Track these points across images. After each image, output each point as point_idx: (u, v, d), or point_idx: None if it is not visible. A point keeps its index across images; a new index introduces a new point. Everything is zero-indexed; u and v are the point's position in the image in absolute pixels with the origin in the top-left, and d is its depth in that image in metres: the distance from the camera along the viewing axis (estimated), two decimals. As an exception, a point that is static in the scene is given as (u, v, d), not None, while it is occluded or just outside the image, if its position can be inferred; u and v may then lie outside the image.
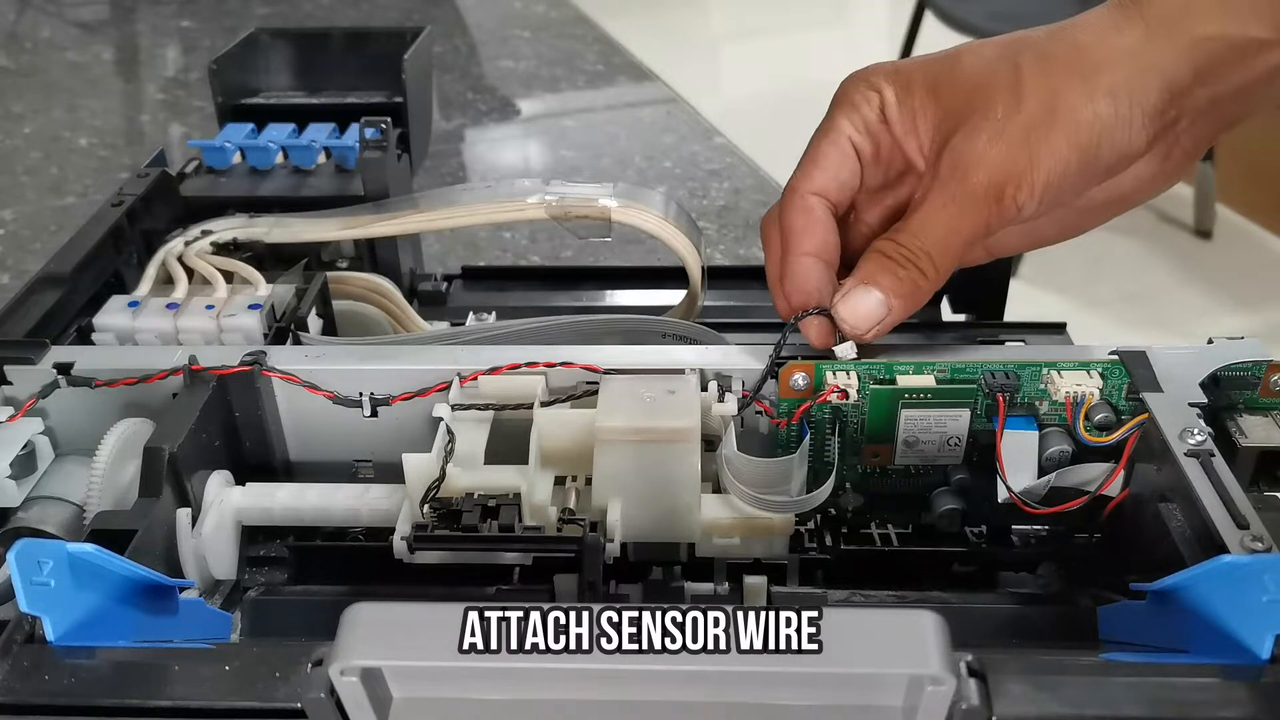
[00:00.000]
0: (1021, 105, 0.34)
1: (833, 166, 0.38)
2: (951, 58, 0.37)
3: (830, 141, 0.38)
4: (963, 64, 0.36)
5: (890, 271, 0.35)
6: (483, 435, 0.36)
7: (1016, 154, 0.34)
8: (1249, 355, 0.36)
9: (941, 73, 0.37)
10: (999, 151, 0.34)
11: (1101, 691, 0.25)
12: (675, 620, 0.24)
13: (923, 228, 0.35)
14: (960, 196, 0.35)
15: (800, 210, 0.38)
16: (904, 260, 0.35)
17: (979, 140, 0.34)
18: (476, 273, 0.58)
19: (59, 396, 0.37)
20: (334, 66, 0.59)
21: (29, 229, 0.79)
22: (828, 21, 3.07)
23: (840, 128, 0.38)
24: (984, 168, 0.34)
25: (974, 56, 0.36)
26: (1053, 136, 0.34)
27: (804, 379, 0.36)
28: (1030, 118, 0.34)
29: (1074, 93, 0.34)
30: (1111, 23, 0.35)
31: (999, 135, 0.34)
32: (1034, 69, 0.35)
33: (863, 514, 0.39)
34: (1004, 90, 0.35)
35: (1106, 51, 0.35)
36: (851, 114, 0.38)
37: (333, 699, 0.24)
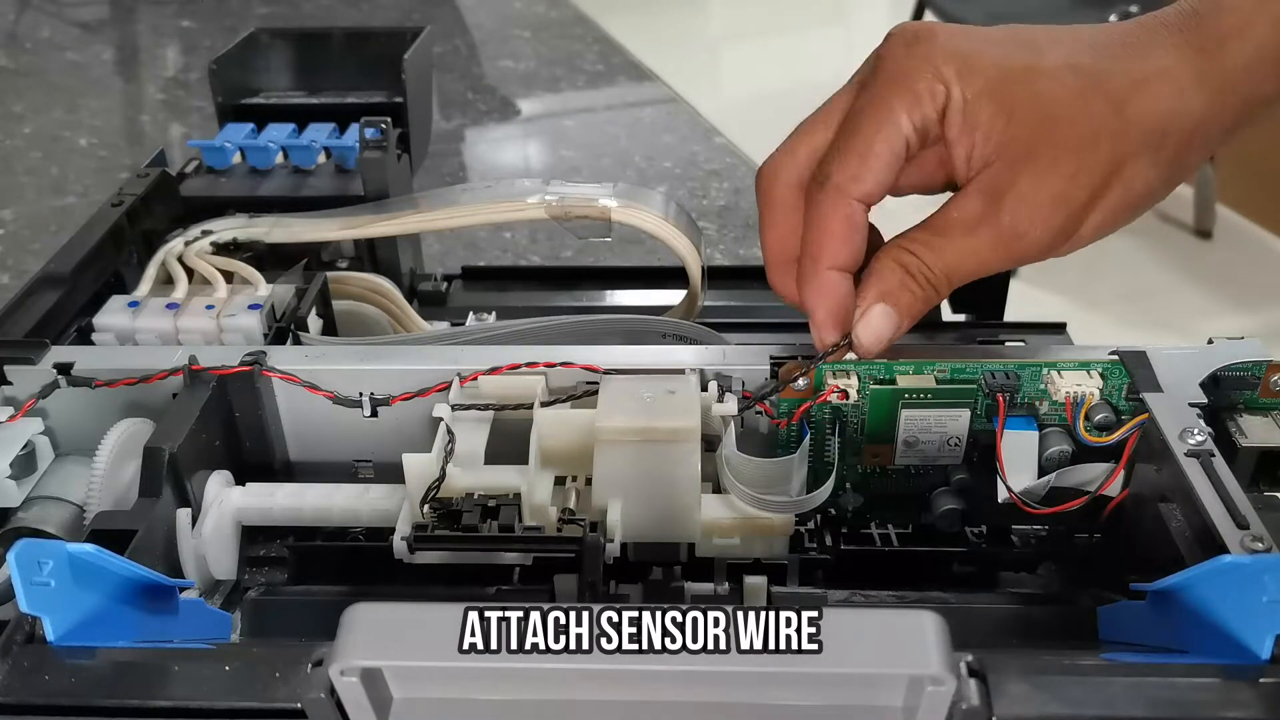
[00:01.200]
0: (1088, 167, 0.33)
1: (884, 167, 0.34)
2: (1029, 69, 0.33)
3: (885, 137, 0.34)
4: (1040, 87, 0.33)
5: (909, 290, 0.34)
6: (483, 435, 0.36)
7: (1075, 216, 0.33)
8: (1249, 355, 0.36)
9: (1017, 85, 0.33)
10: (1059, 210, 0.33)
11: (1101, 691, 0.25)
12: (675, 620, 0.24)
13: (952, 248, 0.34)
14: (1006, 235, 0.33)
15: (843, 218, 0.34)
16: (924, 281, 0.34)
17: (1042, 191, 0.33)
18: (476, 273, 0.58)
19: (59, 396, 0.37)
20: (334, 66, 0.59)
21: (29, 229, 0.79)
22: (828, 21, 3.07)
23: (898, 122, 0.34)
24: (1041, 222, 0.33)
25: (1053, 83, 0.33)
26: (1109, 201, 0.33)
27: (803, 379, 0.36)
28: (1096, 183, 0.33)
29: (1140, 163, 0.33)
30: (1190, 75, 0.33)
31: (1063, 197, 0.33)
32: (1111, 128, 0.33)
33: (863, 514, 0.39)
34: (1078, 140, 0.33)
35: (1177, 115, 0.33)
36: (913, 108, 0.33)
37: (333, 699, 0.24)
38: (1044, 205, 0.33)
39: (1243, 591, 0.26)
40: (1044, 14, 1.88)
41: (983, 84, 0.33)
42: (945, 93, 0.33)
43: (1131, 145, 0.33)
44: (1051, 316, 0.51)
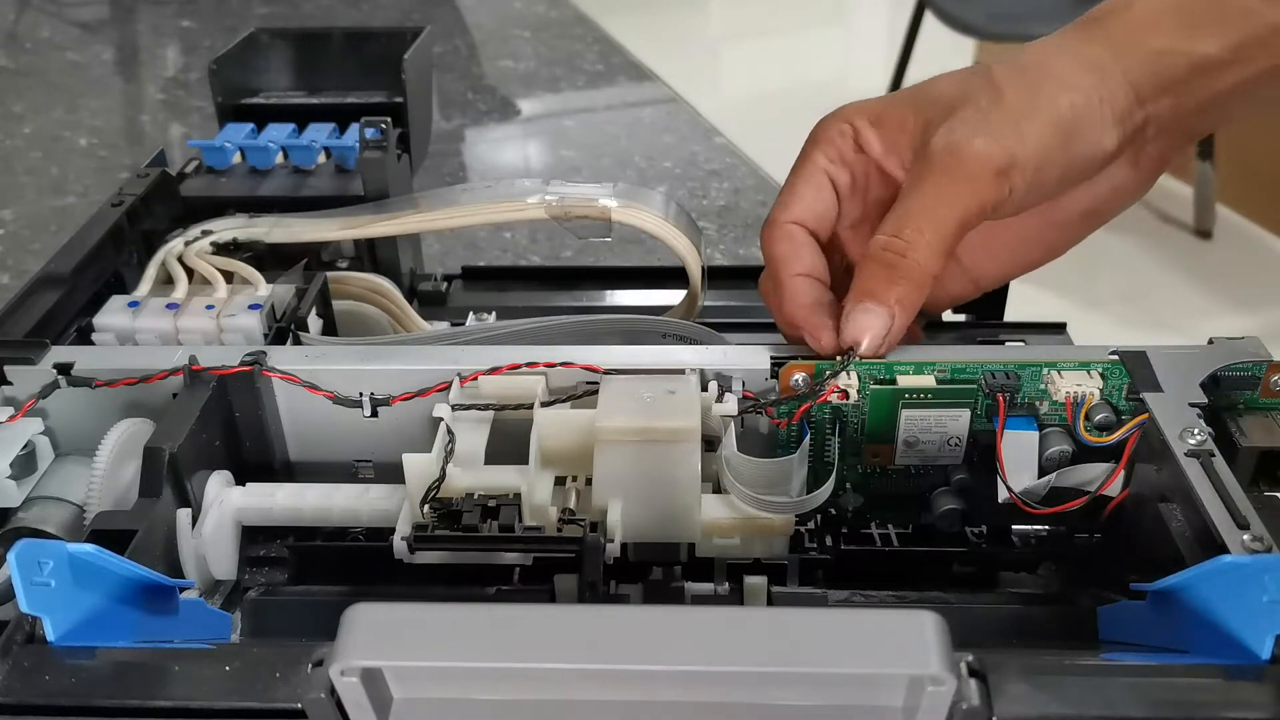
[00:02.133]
0: (1003, 98, 0.36)
1: (809, 198, 0.39)
2: (923, 84, 0.39)
3: (805, 176, 0.39)
4: (937, 85, 0.38)
5: (886, 279, 0.35)
6: (483, 435, 0.36)
7: (1005, 133, 0.35)
8: (1249, 355, 0.36)
9: (916, 96, 0.38)
10: (988, 133, 0.35)
11: (1101, 691, 0.25)
12: (675, 620, 0.24)
13: (919, 210, 0.35)
14: (956, 174, 0.35)
15: (782, 238, 0.39)
16: (897, 260, 0.35)
17: (967, 126, 0.35)
18: (476, 273, 0.58)
19: (59, 396, 0.37)
20: (334, 66, 0.59)
21: (29, 229, 0.79)
22: (828, 21, 3.07)
23: (814, 161, 0.39)
24: (976, 146, 0.35)
25: (946, 79, 0.38)
26: (1037, 120, 0.35)
27: (804, 379, 0.36)
28: (1013, 106, 0.35)
29: (1050, 89, 0.36)
30: (1075, 40, 0.37)
31: (985, 119, 0.35)
32: (1009, 76, 0.36)
33: (863, 514, 0.39)
34: (983, 92, 0.36)
35: (1074, 60, 0.36)
36: (825, 147, 0.39)
37: (333, 699, 0.24)
38: (979, 136, 0.35)
39: (1243, 591, 0.26)
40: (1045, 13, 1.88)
41: (883, 108, 0.39)
42: (851, 127, 0.39)
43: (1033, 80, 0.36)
44: (1051, 316, 0.51)
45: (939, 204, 0.35)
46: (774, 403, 0.36)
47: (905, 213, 0.35)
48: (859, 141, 0.39)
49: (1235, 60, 0.35)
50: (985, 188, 0.35)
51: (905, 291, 0.35)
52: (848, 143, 0.39)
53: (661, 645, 0.23)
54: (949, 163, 0.35)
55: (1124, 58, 0.36)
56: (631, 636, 0.23)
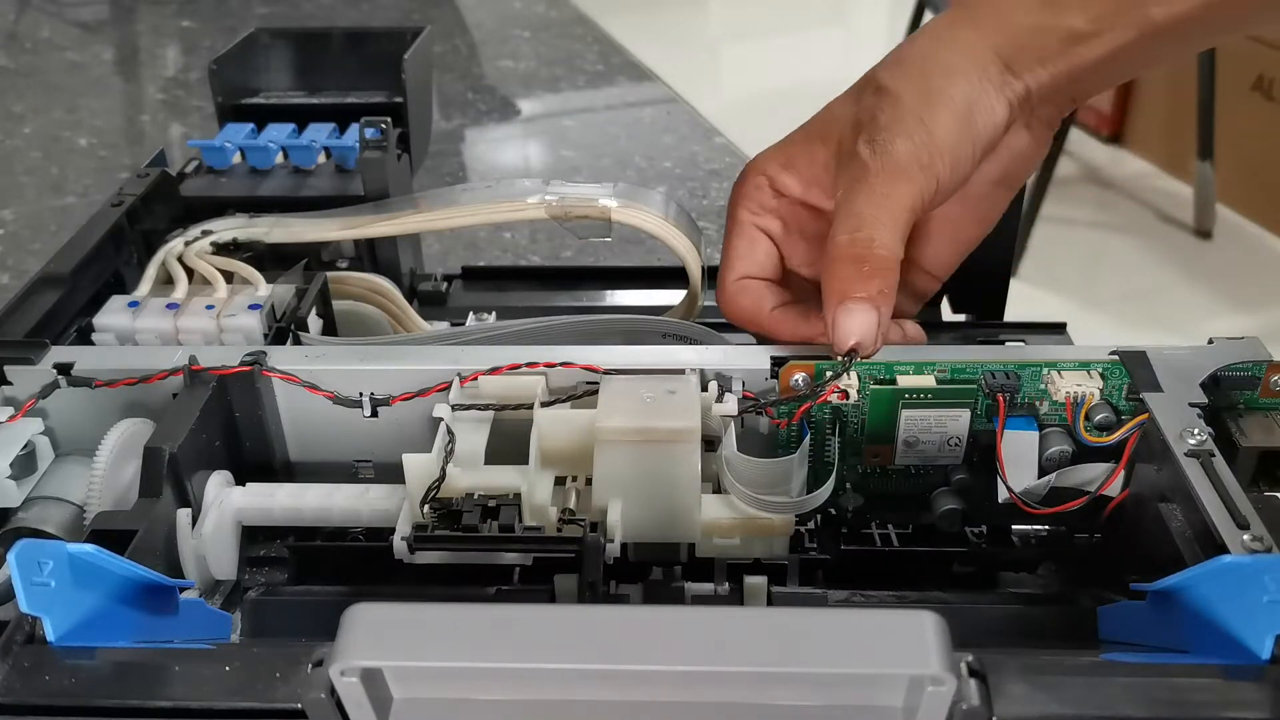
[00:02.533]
0: (901, 102, 0.37)
1: (747, 252, 0.40)
2: (817, 116, 0.40)
3: (738, 235, 0.41)
4: (832, 111, 0.39)
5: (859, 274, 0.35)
6: (483, 435, 0.36)
7: (915, 131, 0.36)
8: (1249, 355, 0.36)
9: (816, 128, 0.40)
10: (901, 134, 0.36)
11: (1101, 691, 0.25)
12: (675, 620, 0.24)
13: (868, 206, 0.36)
14: (890, 174, 0.36)
15: (738, 294, 0.40)
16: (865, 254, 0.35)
17: (882, 133, 0.37)
18: (476, 273, 0.58)
19: (59, 396, 0.37)
20: (334, 66, 0.59)
21: (29, 229, 0.79)
22: (828, 21, 3.07)
23: (740, 219, 0.41)
24: (898, 146, 0.36)
25: (837, 103, 0.40)
26: (937, 113, 0.37)
27: (804, 379, 0.36)
28: (912, 105, 0.37)
29: (937, 80, 0.37)
30: (946, 28, 0.39)
31: (894, 124, 0.37)
32: (897, 80, 0.38)
33: (863, 514, 0.39)
34: (881, 101, 0.37)
35: (949, 48, 0.38)
36: (746, 203, 0.41)
37: (333, 699, 0.24)
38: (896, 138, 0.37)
39: (1243, 591, 0.26)
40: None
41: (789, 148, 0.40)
42: (765, 177, 0.40)
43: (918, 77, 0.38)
44: (1051, 316, 0.51)
45: (885, 199, 0.36)
46: (774, 403, 0.36)
47: (855, 213, 0.36)
48: (776, 188, 0.40)
49: (1100, 31, 0.37)
50: (918, 181, 0.36)
51: (882, 282, 0.35)
52: (766, 194, 0.40)
53: (661, 645, 0.23)
54: (880, 165, 0.36)
55: (993, 37, 0.37)
56: (631, 636, 0.23)
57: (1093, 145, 2.21)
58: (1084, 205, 2.05)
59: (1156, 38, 0.37)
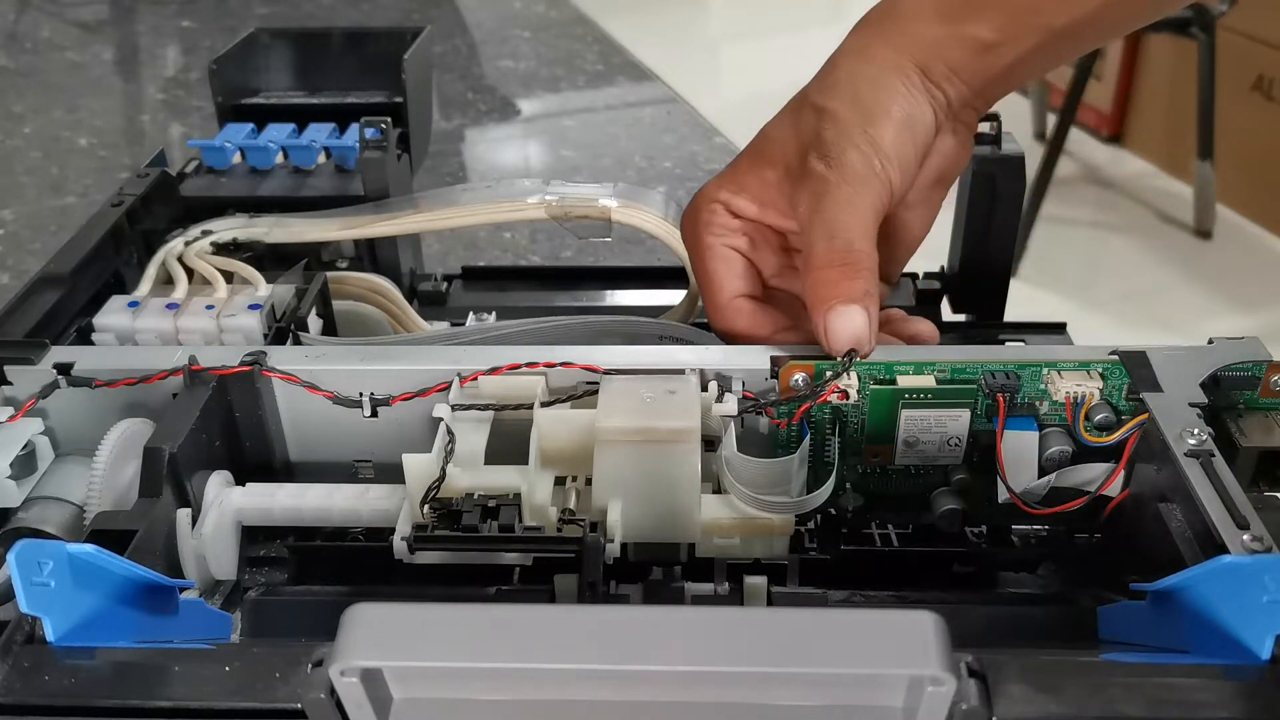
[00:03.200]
0: (841, 118, 0.38)
1: (726, 272, 0.40)
2: (758, 141, 0.41)
3: (711, 256, 0.41)
4: (773, 135, 0.40)
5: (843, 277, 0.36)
6: (483, 435, 0.36)
7: (861, 142, 0.37)
8: (1249, 355, 0.36)
9: (761, 153, 0.40)
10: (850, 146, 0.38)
11: (1101, 691, 0.25)
12: (675, 620, 0.24)
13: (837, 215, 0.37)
14: (850, 183, 0.37)
15: (732, 316, 0.40)
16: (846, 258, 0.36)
17: (831, 148, 0.38)
18: (476, 273, 0.58)
19: (59, 396, 0.37)
20: (334, 66, 0.59)
21: (29, 229, 0.79)
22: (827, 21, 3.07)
23: (708, 244, 0.41)
24: (850, 157, 0.37)
25: (774, 128, 0.40)
26: (879, 125, 0.38)
27: (804, 379, 0.36)
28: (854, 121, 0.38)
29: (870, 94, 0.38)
30: (862, 45, 0.40)
31: (840, 138, 0.38)
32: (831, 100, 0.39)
33: (863, 514, 0.39)
34: (820, 121, 0.38)
35: (871, 64, 0.39)
36: (709, 228, 0.40)
37: (333, 699, 0.24)
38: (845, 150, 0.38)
39: (1243, 591, 0.26)
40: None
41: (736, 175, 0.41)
42: (719, 204, 0.40)
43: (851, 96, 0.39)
44: (1051, 316, 0.51)
45: (851, 206, 0.37)
46: (774, 403, 0.36)
47: (826, 221, 0.37)
48: (732, 211, 0.40)
49: (1005, 40, 0.38)
50: (876, 186, 0.37)
51: (866, 283, 0.36)
52: (723, 217, 0.40)
53: (661, 645, 0.23)
54: (840, 176, 0.37)
55: (907, 51, 0.38)
56: (631, 636, 0.23)
57: (1093, 145, 2.21)
58: (1084, 205, 2.05)
59: (1057, 41, 0.38)
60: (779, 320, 0.40)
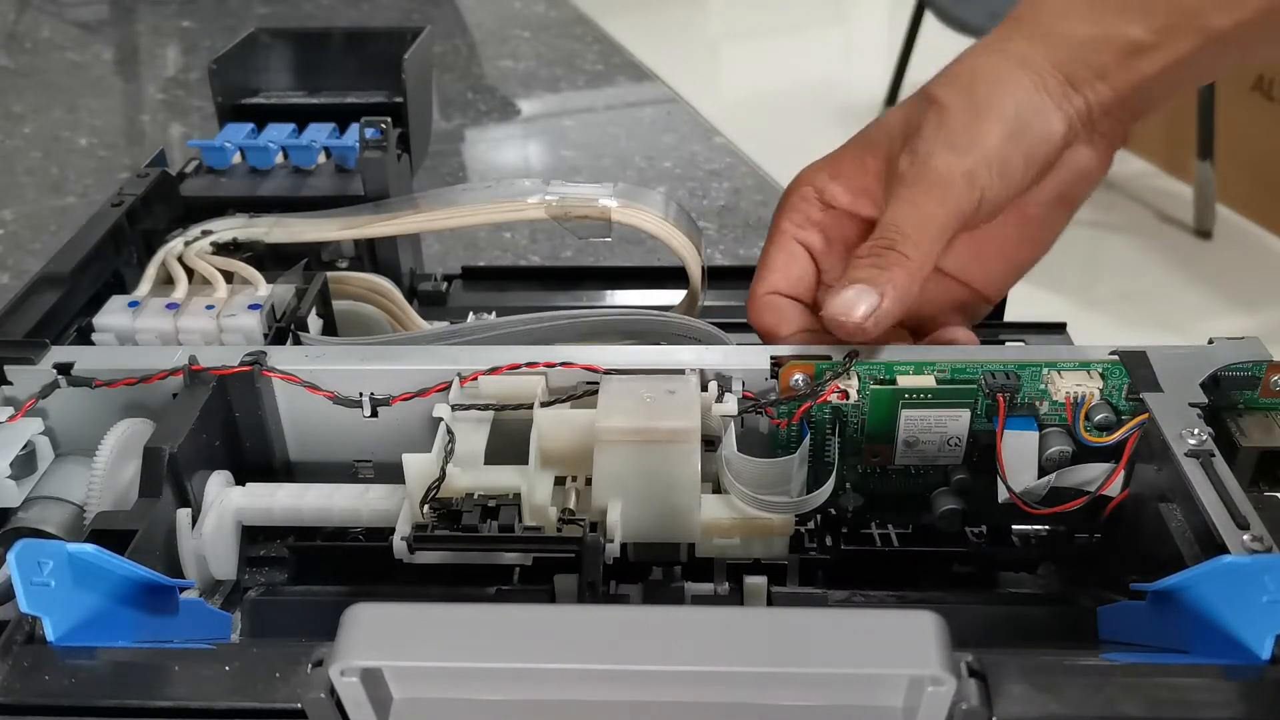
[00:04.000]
0: (948, 114, 0.37)
1: (783, 266, 0.40)
2: (870, 126, 0.40)
3: (777, 246, 0.41)
4: (884, 122, 0.39)
5: (871, 264, 0.35)
6: (483, 435, 0.36)
7: (960, 143, 0.36)
8: (1249, 355, 0.36)
9: (868, 139, 0.39)
10: (946, 146, 0.36)
11: (1101, 691, 0.25)
12: (675, 620, 0.24)
13: (899, 217, 0.36)
14: (929, 186, 0.36)
15: (764, 309, 0.40)
16: (883, 249, 0.35)
17: (925, 144, 0.36)
18: (476, 273, 0.58)
19: (59, 396, 0.37)
20: (334, 66, 0.59)
21: (29, 229, 0.79)
22: (828, 21, 3.07)
23: (783, 230, 0.40)
24: (939, 159, 0.36)
25: (890, 114, 0.39)
26: (984, 124, 0.36)
27: (804, 379, 0.36)
28: (960, 117, 0.37)
29: (986, 91, 0.37)
30: (999, 41, 0.38)
31: (939, 135, 0.36)
32: (947, 92, 0.37)
33: (863, 514, 0.39)
34: (929, 113, 0.37)
35: (1002, 60, 0.37)
36: (791, 214, 0.40)
37: (333, 699, 0.24)
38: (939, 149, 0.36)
39: (1243, 591, 0.26)
40: (1044, 14, 1.88)
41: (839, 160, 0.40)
42: (813, 189, 0.40)
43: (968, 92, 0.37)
44: (1051, 316, 0.51)
45: (918, 210, 0.36)
46: (774, 403, 0.36)
47: (889, 223, 0.36)
48: (824, 200, 0.40)
49: (1161, 42, 0.36)
50: (958, 194, 0.36)
51: (896, 276, 0.35)
52: (813, 205, 0.40)
53: (661, 645, 0.23)
54: (919, 176, 0.36)
55: (1049, 50, 0.37)
56: (631, 636, 0.23)
57: (1093, 145, 2.21)
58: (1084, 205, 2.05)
59: (1219, 46, 0.36)
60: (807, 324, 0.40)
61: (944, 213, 0.36)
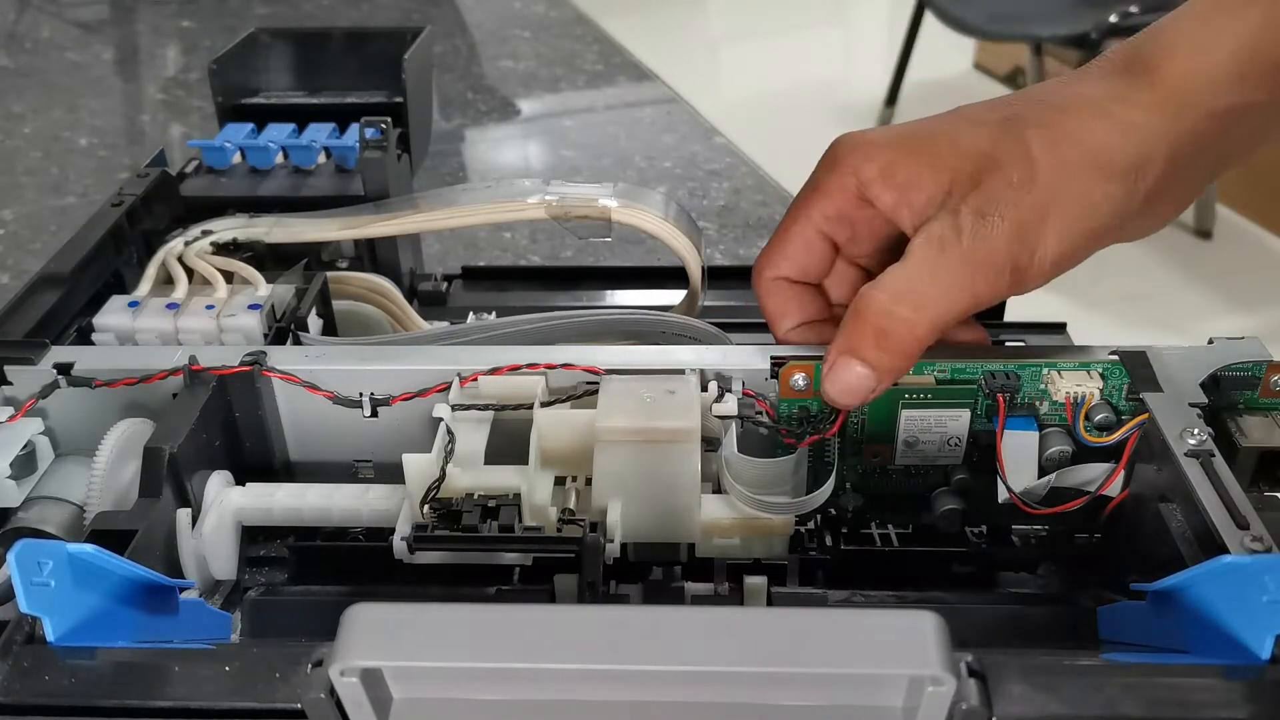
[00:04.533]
0: (1036, 177, 0.33)
1: (798, 254, 0.38)
2: (945, 128, 0.35)
3: (797, 229, 0.38)
4: (961, 135, 0.34)
5: (875, 344, 0.33)
6: (483, 435, 0.36)
7: (1032, 229, 0.32)
8: (1249, 355, 0.36)
9: (936, 143, 0.35)
10: (1016, 225, 0.32)
11: (1101, 691, 0.25)
12: (675, 620, 0.24)
13: (925, 290, 0.33)
14: (974, 266, 0.33)
15: (770, 292, 0.39)
16: (891, 329, 0.33)
17: (995, 209, 0.32)
18: (476, 273, 0.58)
19: (59, 396, 0.37)
20: (334, 66, 0.59)
21: (29, 229, 0.79)
22: (827, 21, 3.07)
23: (809, 215, 0.37)
24: (1001, 244, 0.32)
25: (972, 129, 0.34)
26: (1067, 214, 0.32)
27: (804, 379, 0.36)
28: (1046, 191, 0.33)
29: (1085, 173, 0.33)
30: (1118, 93, 0.34)
31: (1016, 205, 0.32)
32: (1043, 145, 0.33)
33: (863, 514, 0.39)
34: (1015, 160, 0.33)
35: (1112, 127, 0.33)
36: (824, 202, 0.37)
37: (333, 699, 0.24)
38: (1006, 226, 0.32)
39: (1243, 591, 0.26)
40: (1045, 13, 1.88)
41: (896, 157, 0.35)
42: (855, 180, 0.36)
43: (1067, 155, 0.33)
44: (1051, 316, 0.51)
45: (948, 292, 0.33)
46: (785, 419, 0.36)
47: (911, 281, 0.33)
48: (864, 194, 0.36)
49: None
50: (999, 284, 0.33)
51: (893, 360, 0.33)
52: (849, 198, 0.36)
53: (661, 645, 0.23)
54: (970, 252, 0.32)
55: (1171, 121, 0.33)
56: (631, 636, 0.23)
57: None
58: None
59: None
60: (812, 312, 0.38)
61: (974, 297, 0.33)
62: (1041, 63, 1.99)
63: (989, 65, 2.54)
